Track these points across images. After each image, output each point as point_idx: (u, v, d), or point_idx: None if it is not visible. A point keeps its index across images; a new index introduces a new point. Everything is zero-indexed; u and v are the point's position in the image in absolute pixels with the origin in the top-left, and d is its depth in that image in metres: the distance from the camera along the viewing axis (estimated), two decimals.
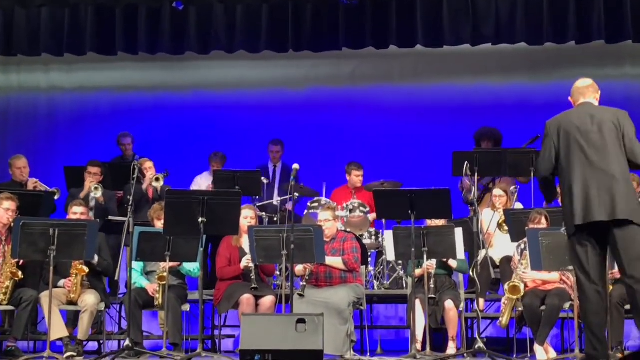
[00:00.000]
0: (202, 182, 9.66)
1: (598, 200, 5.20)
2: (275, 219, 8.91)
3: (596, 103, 5.61)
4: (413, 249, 6.61)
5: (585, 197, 5.22)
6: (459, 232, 7.01)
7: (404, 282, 8.51)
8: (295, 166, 7.04)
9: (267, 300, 7.31)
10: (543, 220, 7.14)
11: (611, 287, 6.63)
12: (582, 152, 5.33)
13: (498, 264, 8.00)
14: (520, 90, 10.66)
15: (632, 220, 5.22)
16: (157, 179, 8.80)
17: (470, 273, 6.91)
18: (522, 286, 7.07)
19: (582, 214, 5.21)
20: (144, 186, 8.84)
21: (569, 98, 5.67)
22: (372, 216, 8.88)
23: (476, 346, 6.58)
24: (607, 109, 5.51)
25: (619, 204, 5.20)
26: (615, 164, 5.31)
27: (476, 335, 6.85)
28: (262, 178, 9.11)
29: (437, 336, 7.79)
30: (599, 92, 5.65)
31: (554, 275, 7.16)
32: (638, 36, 9.65)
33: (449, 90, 10.81)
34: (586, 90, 5.61)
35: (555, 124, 5.46)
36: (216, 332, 7.96)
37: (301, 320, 5.85)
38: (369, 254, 8.64)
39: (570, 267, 6.46)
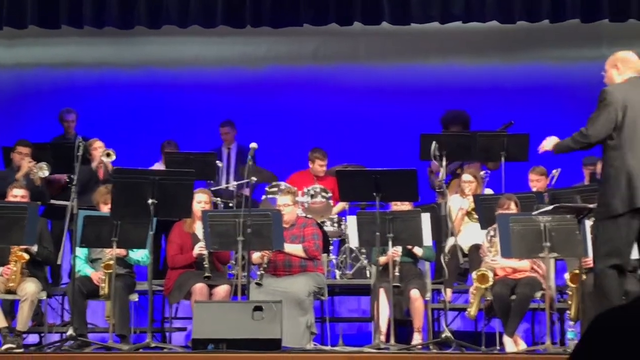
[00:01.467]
0: None
1: None
2: (230, 204, 8.93)
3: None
4: (377, 233, 6.67)
5: None
6: (425, 218, 7.08)
7: (367, 271, 8.59)
8: (253, 145, 7.07)
9: (222, 290, 7.33)
10: (513, 205, 7.26)
11: (584, 276, 6.76)
12: None
13: (466, 252, 8.11)
14: (492, 71, 10.80)
15: None
16: (108, 154, 8.76)
17: (442, 260, 6.99)
18: (491, 275, 7.19)
19: None
20: (94, 165, 8.79)
21: (609, 67, 5.52)
22: (336, 208, 8.96)
23: (443, 336, 6.68)
24: None
25: None
26: None
27: (443, 326, 6.95)
28: (217, 162, 9.13)
29: (401, 330, 7.87)
30: None
31: (525, 263, 7.29)
32: (615, 15, 9.82)
33: (418, 71, 10.91)
34: (637, 64, 5.50)
35: (620, 95, 5.31)
36: (167, 325, 7.96)
37: (258, 308, 5.89)
38: (331, 241, 8.71)
39: (542, 255, 6.61)
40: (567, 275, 7.09)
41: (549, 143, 5.74)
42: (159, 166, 9.58)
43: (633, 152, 5.25)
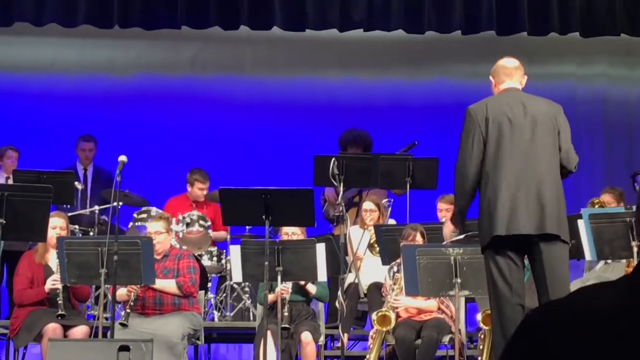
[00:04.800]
0: None
1: (526, 209, 5.31)
2: (91, 233, 8.82)
3: (521, 88, 5.69)
4: (267, 263, 6.71)
5: (512, 204, 5.30)
6: (320, 249, 7.17)
7: (250, 313, 8.60)
8: (122, 158, 7.02)
9: (79, 332, 7.20)
10: (418, 237, 7.42)
11: None
12: (513, 149, 5.38)
13: (365, 292, 8.22)
14: (396, 87, 11.03)
15: (559, 236, 5.39)
16: None
17: (340, 298, 7.05)
18: (393, 316, 7.31)
19: (506, 224, 5.30)
20: None
21: (490, 77, 5.70)
22: (217, 234, 8.96)
23: None
24: (540, 99, 5.61)
25: (549, 217, 5.34)
26: (548, 168, 5.43)
27: None
28: (76, 183, 9.01)
29: None
30: (526, 76, 5.73)
31: (432, 303, 7.44)
32: (534, 28, 10.21)
33: (312, 85, 11.06)
34: (514, 72, 5.65)
35: (481, 111, 5.46)
36: None
37: (124, 348, 5.84)
38: (209, 278, 8.70)
39: (452, 293, 6.77)
40: (479, 316, 7.26)
41: (447, 226, 5.95)
42: None
43: (494, 174, 5.37)
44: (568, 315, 1.29)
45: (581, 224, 6.88)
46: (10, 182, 8.79)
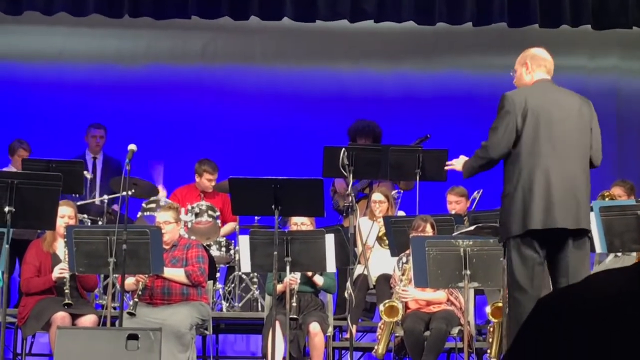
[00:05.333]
0: None
1: (563, 203, 5.31)
2: (100, 222, 8.85)
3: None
4: (275, 253, 6.72)
5: (548, 197, 5.30)
6: (330, 240, 7.17)
7: (259, 304, 8.62)
8: (132, 147, 7.04)
9: (87, 321, 7.23)
10: (428, 228, 7.42)
11: (508, 310, 6.93)
12: (550, 142, 5.37)
13: (374, 284, 8.23)
14: (406, 78, 11.03)
15: (589, 231, 5.45)
16: None
17: (349, 289, 7.06)
18: (400, 307, 7.32)
19: (543, 218, 5.29)
20: None
21: (519, 66, 5.65)
22: (224, 229, 8.98)
23: None
24: (574, 94, 5.62)
25: (583, 212, 5.39)
26: (582, 165, 5.46)
27: None
28: (85, 172, 9.03)
29: None
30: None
31: (441, 295, 7.45)
32: (546, 20, 10.19)
33: (322, 76, 11.06)
34: (549, 64, 5.63)
35: (520, 100, 5.42)
36: None
37: (133, 336, 5.86)
38: (218, 268, 8.72)
39: (461, 284, 6.78)
40: (488, 309, 7.27)
41: (459, 162, 5.85)
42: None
43: (530, 166, 5.36)
44: (579, 301, 1.30)
45: (591, 216, 6.87)
46: None
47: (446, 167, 6.15)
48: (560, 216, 5.30)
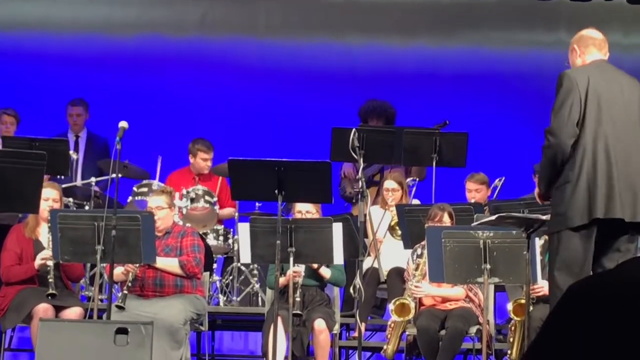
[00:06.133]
0: None
1: (622, 194, 5.37)
2: (86, 206, 8.89)
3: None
4: (278, 242, 6.75)
5: (609, 186, 5.35)
6: (337, 230, 7.19)
7: (259, 298, 8.66)
8: (123, 124, 7.07)
9: (72, 314, 7.28)
10: (446, 217, 7.45)
11: (532, 307, 6.96)
12: (612, 126, 5.42)
13: (385, 278, 8.26)
14: (422, 54, 11.04)
15: None
16: None
17: (358, 283, 7.10)
18: (412, 304, 7.35)
19: (604, 207, 5.33)
20: None
21: (570, 55, 5.69)
22: (222, 212, 9.01)
23: None
24: (630, 77, 5.66)
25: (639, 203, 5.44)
26: (638, 151, 5.52)
27: None
28: (71, 152, 9.08)
29: None
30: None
31: (459, 291, 7.48)
32: None
33: (330, 50, 11.07)
34: (604, 45, 5.69)
35: (583, 78, 5.44)
36: None
37: (122, 330, 5.90)
38: (215, 259, 8.76)
39: (480, 280, 6.81)
40: (509, 306, 7.30)
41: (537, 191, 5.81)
42: None
43: (595, 151, 5.41)
44: (610, 288, 1.33)
45: None
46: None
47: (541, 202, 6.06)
48: (621, 207, 5.37)
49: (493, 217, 6.41)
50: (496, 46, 10.97)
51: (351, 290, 7.50)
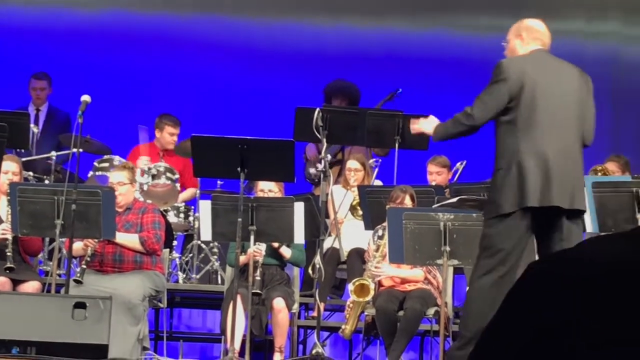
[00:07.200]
0: None
1: (560, 181, 5.42)
2: (47, 181, 8.81)
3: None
4: (240, 220, 6.72)
5: (546, 174, 5.40)
6: (299, 209, 7.18)
7: (219, 276, 8.64)
8: (85, 98, 7.02)
9: (29, 288, 7.29)
10: (408, 199, 7.46)
11: None
12: (547, 116, 5.47)
13: (345, 258, 8.25)
14: (388, 37, 11.02)
15: (584, 211, 5.61)
16: None
17: (318, 263, 7.08)
18: (372, 285, 7.35)
19: (540, 195, 5.38)
20: None
21: (512, 37, 5.72)
22: (183, 194, 8.97)
23: (314, 352, 6.80)
24: (573, 66, 5.71)
25: (578, 190, 5.52)
26: (577, 140, 5.57)
27: (315, 340, 7.07)
28: (32, 125, 9.00)
29: (257, 357, 7.96)
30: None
31: (417, 272, 7.50)
32: None
33: (297, 31, 11.04)
34: (545, 37, 5.73)
35: (518, 69, 5.51)
36: None
37: (80, 305, 5.86)
38: (175, 236, 8.72)
39: (440, 262, 6.82)
40: (468, 289, 7.30)
41: (428, 124, 5.94)
42: None
43: (527, 139, 5.45)
44: (571, 266, 1.32)
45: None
46: None
47: (413, 129, 6.16)
48: (557, 194, 5.41)
49: (454, 200, 6.43)
50: (462, 31, 10.97)
51: (310, 270, 7.49)
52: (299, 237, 7.24)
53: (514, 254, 5.44)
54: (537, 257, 5.78)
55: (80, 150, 7.40)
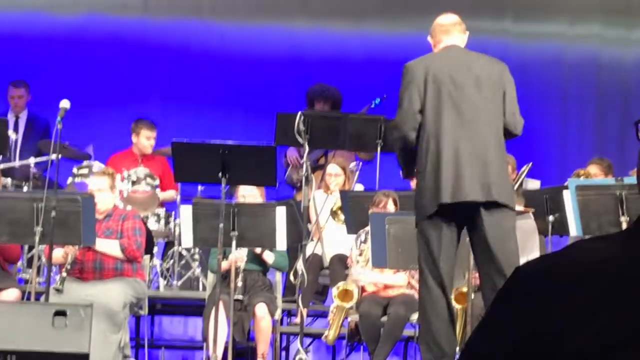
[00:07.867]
0: None
1: (471, 174, 5.46)
2: (25, 187, 8.79)
3: (463, 46, 5.87)
4: (221, 225, 6.72)
5: (456, 169, 5.45)
6: (281, 214, 7.18)
7: (200, 283, 8.62)
8: (64, 104, 7.00)
9: (9, 296, 7.27)
10: (390, 204, 7.47)
11: (474, 295, 6.99)
12: (455, 110, 5.53)
13: (327, 264, 8.26)
14: (370, 40, 11.04)
15: (507, 204, 5.56)
16: None
17: (300, 269, 7.09)
18: (355, 290, 7.36)
19: (451, 191, 5.44)
20: None
21: (428, 38, 5.91)
22: (165, 194, 8.94)
23: (297, 358, 6.79)
24: (484, 57, 5.82)
25: (494, 183, 5.51)
26: (492, 131, 5.60)
27: (298, 347, 7.07)
28: (10, 132, 8.99)
29: None
30: (467, 32, 5.90)
31: (401, 278, 7.50)
32: None
33: (277, 35, 11.03)
34: (452, 28, 5.85)
35: (421, 68, 5.64)
36: None
37: (60, 312, 5.83)
38: (155, 243, 8.70)
39: None
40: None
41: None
42: None
43: (436, 137, 5.53)
44: (558, 268, 1.32)
45: (567, 196, 6.96)
46: None
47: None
48: (470, 188, 5.46)
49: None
50: None
51: (292, 276, 7.49)
52: (281, 242, 7.23)
53: (442, 258, 5.53)
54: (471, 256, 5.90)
55: (60, 156, 7.39)
